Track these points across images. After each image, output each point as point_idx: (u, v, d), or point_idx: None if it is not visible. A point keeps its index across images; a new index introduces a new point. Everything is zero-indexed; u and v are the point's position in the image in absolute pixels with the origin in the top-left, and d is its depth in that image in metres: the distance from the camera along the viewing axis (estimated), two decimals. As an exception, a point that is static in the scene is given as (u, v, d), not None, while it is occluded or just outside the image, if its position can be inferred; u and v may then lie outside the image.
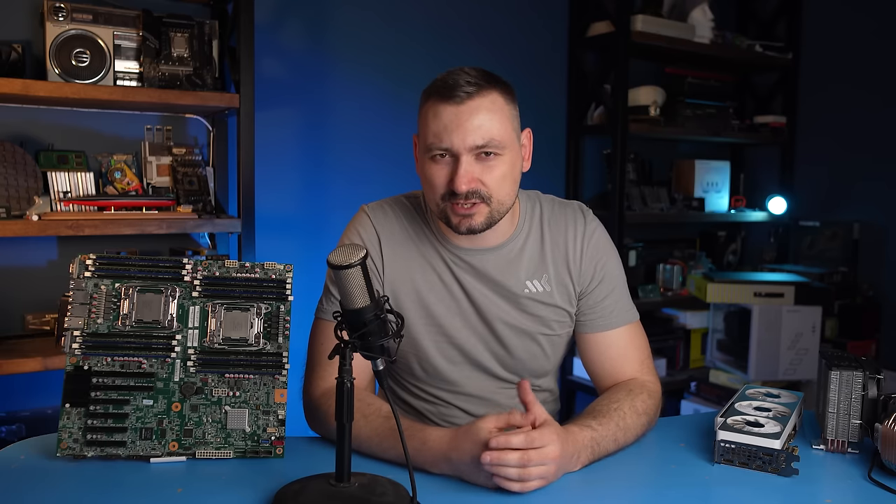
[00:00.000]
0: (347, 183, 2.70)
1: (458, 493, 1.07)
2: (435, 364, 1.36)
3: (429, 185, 1.26)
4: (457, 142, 1.20)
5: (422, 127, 1.26)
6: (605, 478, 1.14)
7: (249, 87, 2.20)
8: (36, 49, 2.12)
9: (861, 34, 3.24)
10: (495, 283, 1.34)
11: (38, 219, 1.96)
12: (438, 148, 1.22)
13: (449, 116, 1.20)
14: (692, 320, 3.29)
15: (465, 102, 1.20)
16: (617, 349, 1.37)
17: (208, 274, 1.18)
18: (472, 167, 1.21)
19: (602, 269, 1.37)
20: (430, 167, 1.24)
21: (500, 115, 1.23)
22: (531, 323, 1.36)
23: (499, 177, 1.24)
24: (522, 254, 1.36)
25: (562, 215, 1.40)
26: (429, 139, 1.23)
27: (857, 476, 1.16)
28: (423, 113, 1.25)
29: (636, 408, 1.25)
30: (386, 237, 1.35)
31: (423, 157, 1.26)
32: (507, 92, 1.26)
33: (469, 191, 1.21)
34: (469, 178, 1.21)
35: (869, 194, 3.22)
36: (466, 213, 1.23)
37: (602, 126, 3.06)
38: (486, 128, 1.20)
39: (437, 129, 1.21)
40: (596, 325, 1.38)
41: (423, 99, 1.26)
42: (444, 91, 1.21)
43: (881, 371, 1.23)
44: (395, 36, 2.76)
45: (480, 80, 1.22)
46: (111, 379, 1.14)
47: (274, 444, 1.17)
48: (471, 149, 1.21)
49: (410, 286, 1.34)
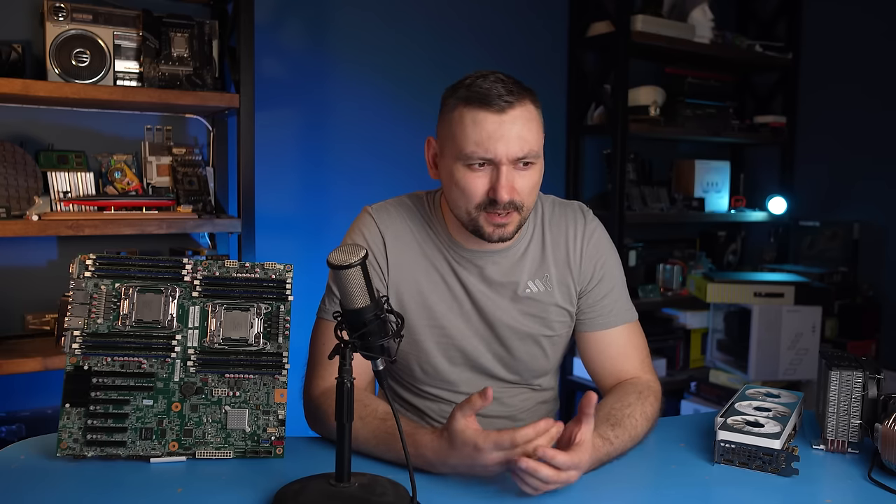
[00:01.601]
0: (347, 183, 2.70)
1: (458, 493, 1.07)
2: (435, 364, 1.36)
3: (463, 193, 1.24)
4: (500, 152, 1.19)
5: (458, 134, 1.22)
6: (605, 478, 1.14)
7: (249, 87, 2.20)
8: (36, 49, 2.12)
9: (861, 34, 3.24)
10: (498, 284, 1.34)
11: (38, 219, 1.96)
12: (480, 157, 1.20)
13: (492, 126, 1.19)
14: (692, 320, 3.28)
15: (506, 112, 1.20)
16: (617, 348, 1.38)
17: (208, 274, 1.18)
18: (511, 175, 1.22)
19: (602, 268, 1.39)
20: (467, 175, 1.23)
21: (535, 125, 1.24)
22: (533, 324, 1.36)
23: (531, 185, 1.25)
24: (526, 255, 1.36)
25: (562, 215, 1.40)
26: (468, 147, 1.21)
27: (857, 476, 1.16)
28: (458, 119, 1.22)
29: (646, 414, 1.26)
30: (391, 238, 1.35)
31: (457, 164, 1.24)
32: (536, 100, 1.26)
33: (508, 201, 1.21)
34: (510, 187, 1.21)
35: (869, 194, 3.22)
36: (502, 221, 1.24)
37: (602, 126, 3.06)
38: (525, 139, 1.21)
39: (479, 138, 1.20)
40: (595, 323, 1.39)
41: (455, 104, 1.24)
42: (483, 99, 1.20)
43: (881, 371, 1.24)
44: (395, 36, 2.76)
45: (515, 88, 1.22)
46: (111, 379, 1.14)
47: (274, 444, 1.17)
48: (513, 160, 1.21)
49: (414, 287, 1.34)
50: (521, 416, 1.42)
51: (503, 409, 1.41)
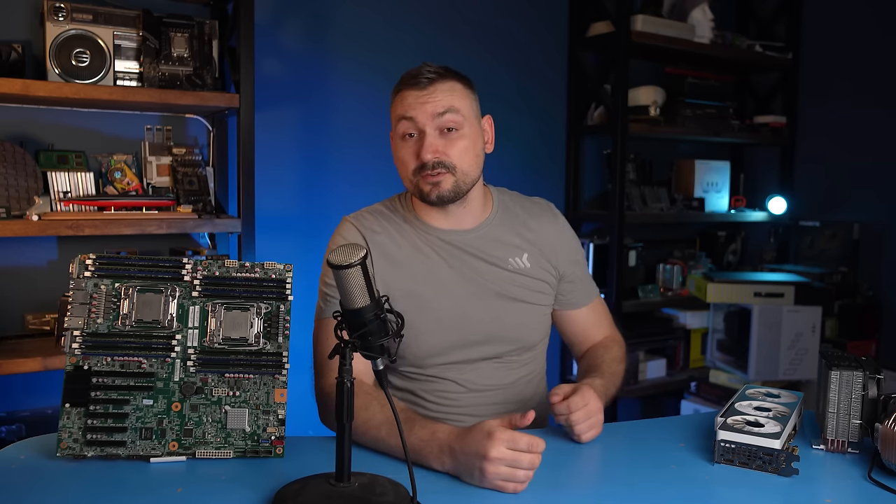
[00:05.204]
0: (347, 183, 2.70)
1: (458, 493, 1.07)
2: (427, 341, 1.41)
3: (401, 163, 1.41)
4: (419, 113, 1.36)
5: (392, 114, 1.42)
6: (606, 477, 1.14)
7: (249, 87, 2.20)
8: (36, 49, 2.12)
9: (861, 34, 3.24)
10: (480, 256, 1.46)
11: (38, 219, 1.95)
12: (404, 118, 1.37)
13: (413, 97, 1.38)
14: (692, 320, 3.28)
15: (427, 87, 1.37)
16: (590, 321, 1.61)
17: (208, 274, 1.18)
18: (436, 140, 1.37)
19: (575, 258, 1.57)
20: (401, 147, 1.40)
21: (459, 95, 1.39)
22: (518, 290, 1.47)
23: (461, 149, 1.38)
24: (500, 236, 1.49)
25: (532, 207, 1.57)
26: (397, 119, 1.39)
27: (857, 476, 1.16)
28: (392, 102, 1.43)
29: (614, 356, 1.53)
30: (371, 238, 1.44)
31: (394, 140, 1.42)
32: (466, 82, 1.43)
33: (435, 161, 1.36)
34: (434, 148, 1.36)
35: (869, 194, 3.22)
36: (435, 180, 1.37)
37: (602, 126, 3.06)
38: (445, 101, 1.37)
39: (404, 108, 1.38)
40: (576, 302, 1.58)
41: (392, 93, 1.43)
42: (409, 80, 1.39)
43: (881, 371, 1.24)
44: (395, 36, 2.76)
45: (440, 70, 1.40)
46: (111, 379, 1.14)
47: (274, 443, 1.17)
48: (433, 116, 1.36)
49: (400, 276, 1.42)
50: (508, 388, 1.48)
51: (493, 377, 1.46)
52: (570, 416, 1.24)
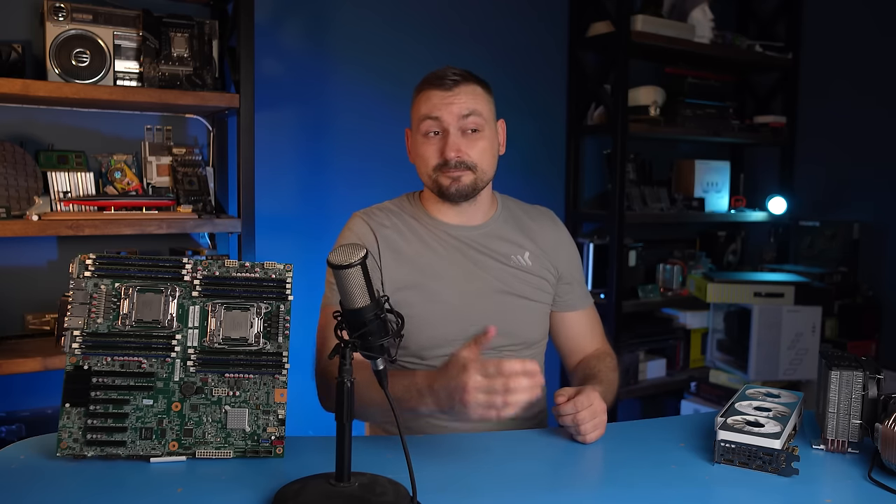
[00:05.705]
0: (347, 183, 2.70)
1: (458, 493, 1.07)
2: (431, 332, 1.44)
3: (422, 159, 1.47)
4: (445, 114, 1.43)
5: (415, 112, 1.49)
6: (606, 477, 1.14)
7: (249, 88, 2.20)
8: (36, 49, 2.12)
9: (861, 34, 3.24)
10: (485, 252, 1.51)
11: (38, 219, 1.95)
12: (429, 117, 1.43)
13: (439, 98, 1.44)
14: (692, 320, 3.28)
15: (452, 89, 1.44)
16: (585, 327, 1.63)
17: (208, 274, 1.18)
18: (459, 140, 1.43)
19: (573, 262, 1.63)
20: (424, 144, 1.46)
21: (481, 98, 1.47)
22: (520, 286, 1.52)
23: (481, 150, 1.46)
24: (504, 234, 1.55)
25: (534, 213, 1.63)
26: (421, 118, 1.45)
27: (857, 476, 1.16)
28: (416, 101, 1.49)
29: (609, 366, 1.54)
30: (380, 231, 1.49)
31: (417, 137, 1.48)
32: (486, 86, 1.50)
33: (457, 160, 1.43)
34: (457, 147, 1.43)
35: (869, 194, 3.22)
36: (456, 175, 1.44)
37: (602, 126, 3.06)
38: (469, 103, 1.44)
39: (429, 108, 1.44)
40: (573, 304, 1.61)
41: (416, 92, 1.50)
42: (434, 81, 1.45)
43: (881, 371, 1.23)
44: (395, 36, 2.76)
45: (464, 73, 1.47)
46: (111, 379, 1.14)
47: (274, 443, 1.17)
48: (457, 117, 1.43)
49: (409, 270, 1.46)
50: None
51: None
52: (577, 416, 1.25)
